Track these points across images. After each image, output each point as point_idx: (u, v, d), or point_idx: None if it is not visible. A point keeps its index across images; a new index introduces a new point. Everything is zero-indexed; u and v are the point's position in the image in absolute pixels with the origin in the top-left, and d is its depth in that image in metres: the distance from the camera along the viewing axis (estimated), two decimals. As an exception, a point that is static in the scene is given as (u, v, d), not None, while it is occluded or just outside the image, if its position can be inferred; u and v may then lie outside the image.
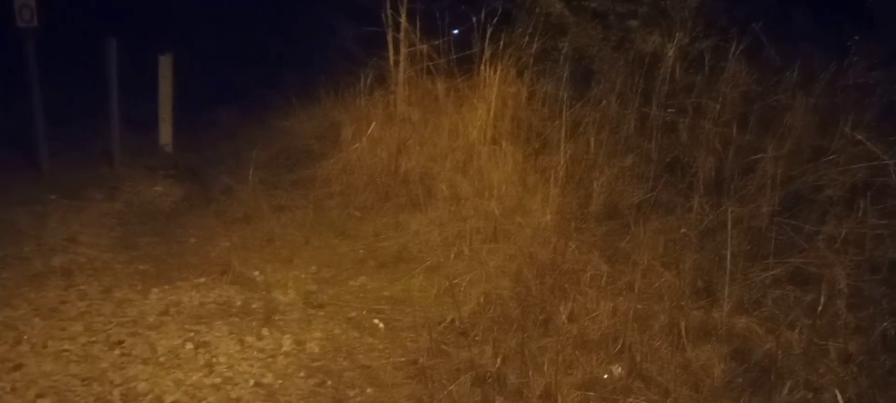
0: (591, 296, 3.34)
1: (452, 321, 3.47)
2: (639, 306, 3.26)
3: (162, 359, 3.23)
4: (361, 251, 4.43)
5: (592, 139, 4.56)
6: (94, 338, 3.41)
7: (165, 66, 6.56)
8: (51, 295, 3.84)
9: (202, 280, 4.08)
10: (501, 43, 5.23)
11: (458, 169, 4.90)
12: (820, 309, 3.17)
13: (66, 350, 3.29)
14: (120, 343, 3.37)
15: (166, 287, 3.99)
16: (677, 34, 4.61)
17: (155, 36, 7.32)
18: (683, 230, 3.82)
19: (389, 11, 5.79)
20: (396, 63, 5.87)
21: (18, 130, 6.45)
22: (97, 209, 5.30)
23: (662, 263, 3.58)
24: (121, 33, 6.27)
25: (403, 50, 5.85)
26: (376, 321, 3.62)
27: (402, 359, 3.25)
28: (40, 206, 5.25)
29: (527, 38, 5.18)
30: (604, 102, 4.72)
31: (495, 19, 5.26)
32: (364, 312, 3.71)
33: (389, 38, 5.88)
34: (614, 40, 4.98)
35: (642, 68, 4.66)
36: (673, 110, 4.56)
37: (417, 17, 5.80)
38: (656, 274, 3.51)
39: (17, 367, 3.14)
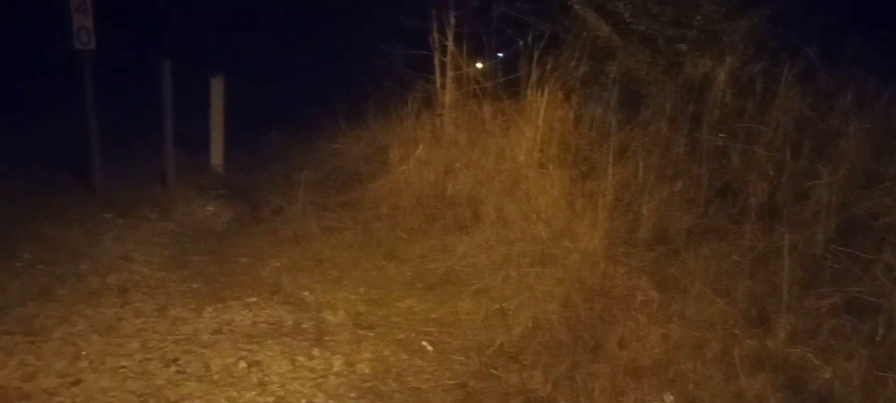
0: (641, 322, 3.31)
1: (501, 345, 3.46)
2: (691, 333, 3.22)
3: (216, 377, 3.30)
4: (409, 273, 4.46)
5: (641, 163, 4.53)
6: (149, 355, 3.49)
7: (217, 88, 6.72)
8: (107, 313, 3.93)
9: (254, 299, 4.14)
10: (548, 66, 5.24)
11: (504, 192, 4.90)
12: (878, 339, 3.10)
13: (123, 367, 3.37)
14: (175, 360, 3.45)
15: (219, 305, 4.06)
16: (728, 58, 4.57)
17: (207, 58, 7.53)
18: (735, 256, 3.77)
19: (437, 35, 5.88)
20: (443, 86, 5.93)
21: (74, 150, 6.68)
22: (151, 228, 5.44)
23: (714, 290, 3.53)
24: (174, 56, 6.44)
25: (450, 73, 5.92)
26: (425, 343, 3.64)
27: (451, 382, 3.26)
28: (95, 225, 5.40)
29: (574, 62, 5.18)
30: (653, 126, 4.70)
31: (542, 43, 5.28)
32: (412, 334, 3.73)
33: (437, 61, 5.96)
34: (663, 64, 4.96)
35: (692, 92, 4.63)
36: (724, 135, 4.52)
37: (464, 41, 5.87)
38: (708, 301, 3.46)
39: (76, 382, 3.22)
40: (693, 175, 4.42)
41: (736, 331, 3.24)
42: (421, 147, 5.58)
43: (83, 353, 3.48)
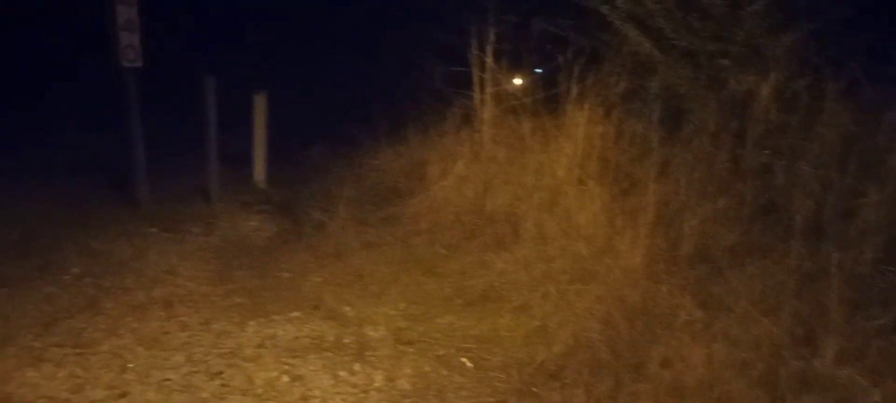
0: (684, 342, 3.26)
1: (542, 363, 3.45)
2: (736, 353, 3.16)
3: (259, 391, 3.34)
4: (448, 289, 4.47)
5: (683, 180, 4.48)
6: (194, 368, 3.55)
7: (260, 104, 6.86)
8: (153, 326, 4.01)
9: (296, 314, 4.20)
10: (588, 82, 5.24)
11: (544, 208, 4.89)
12: (928, 361, 3.01)
13: (168, 380, 3.43)
14: (219, 373, 3.50)
15: (262, 319, 4.12)
16: (772, 73, 4.51)
17: (250, 75, 7.69)
18: (781, 275, 3.70)
19: (476, 51, 5.92)
20: (483, 102, 5.96)
21: (119, 165, 6.87)
22: (195, 242, 5.55)
23: (760, 309, 3.46)
24: (217, 72, 6.58)
25: (489, 89, 5.94)
26: (465, 360, 3.64)
27: (491, 400, 3.26)
28: (141, 239, 5.54)
29: (614, 77, 5.17)
30: (695, 142, 4.64)
31: (582, 58, 5.28)
32: (452, 350, 3.74)
33: (476, 77, 6.00)
34: (705, 79, 4.91)
35: (735, 108, 4.58)
36: (768, 151, 4.45)
37: (503, 57, 5.90)
38: (753, 320, 3.39)
39: (123, 395, 3.29)
40: (736, 192, 4.35)
41: (782, 352, 3.17)
42: (460, 163, 5.61)
43: (130, 366, 3.56)
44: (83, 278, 4.67)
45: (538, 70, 6.13)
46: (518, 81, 6.14)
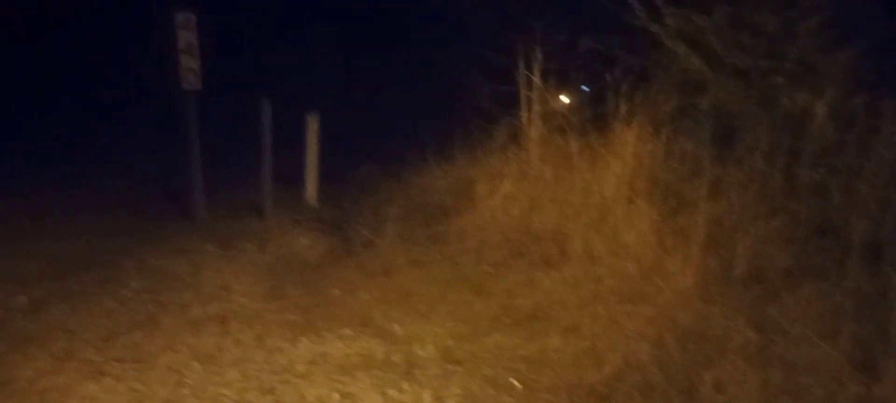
0: (738, 366, 3.21)
1: (591, 385, 3.43)
2: (792, 378, 3.10)
3: (311, 408, 3.41)
4: (496, 308, 4.47)
5: (736, 199, 4.41)
6: (248, 384, 3.63)
7: (313, 124, 6.99)
8: (209, 342, 4.11)
9: (346, 331, 4.25)
10: (637, 100, 5.21)
11: (592, 227, 4.87)
12: None
13: (222, 395, 3.51)
14: (272, 390, 3.57)
15: (313, 337, 4.19)
16: (827, 91, 4.42)
17: (301, 95, 7.85)
18: (838, 297, 3.61)
19: (523, 70, 5.94)
20: (529, 121, 5.97)
21: (177, 183, 7.08)
22: (249, 259, 5.67)
23: (817, 333, 3.38)
24: (270, 92, 6.74)
25: (536, 108, 5.96)
26: (513, 380, 3.64)
27: (541, 421, 3.26)
28: (197, 256, 5.69)
29: (664, 95, 5.13)
30: (747, 161, 4.56)
31: (631, 76, 5.25)
32: (501, 370, 3.73)
33: (523, 96, 6.02)
34: (757, 97, 4.83)
35: (789, 126, 4.49)
36: (823, 170, 4.35)
37: (551, 76, 5.91)
38: (810, 344, 3.32)
39: (179, 410, 3.40)
40: (791, 211, 4.26)
41: (840, 377, 3.10)
42: (507, 181, 5.63)
43: (186, 381, 3.66)
44: (142, 293, 4.83)
45: (585, 88, 6.11)
46: (565, 100, 6.14)
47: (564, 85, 6.00)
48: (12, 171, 8.72)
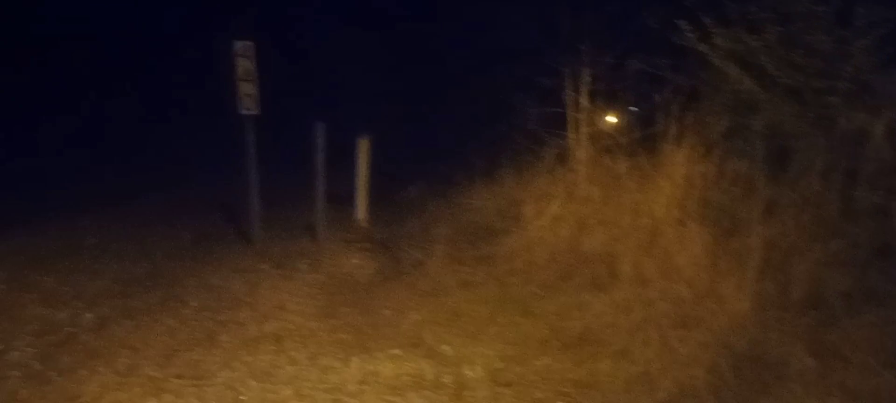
0: (797, 393, 3.15)
1: (644, 410, 3.41)
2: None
3: (363, 428, 3.46)
4: (545, 330, 4.47)
5: (791, 221, 4.33)
6: (301, 403, 3.71)
7: (363, 147, 7.11)
8: (264, 360, 4.20)
9: (396, 351, 4.30)
10: (687, 120, 5.17)
11: (642, 249, 4.83)
12: None
13: (277, 412, 3.60)
14: (325, 409, 3.64)
15: (365, 356, 4.24)
16: (884, 110, 4.32)
17: (350, 116, 8.02)
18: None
19: (570, 92, 5.95)
20: (577, 142, 5.98)
21: (233, 205, 7.27)
22: (303, 279, 5.79)
23: (879, 360, 3.30)
24: (322, 116, 6.88)
25: (584, 129, 5.96)
26: (563, 404, 3.64)
27: (592, 446, 3.24)
28: (254, 275, 5.83)
29: (714, 116, 5.08)
30: (803, 182, 4.49)
31: (680, 97, 5.22)
32: (550, 394, 3.73)
33: (570, 117, 6.03)
34: (812, 116, 4.74)
35: (845, 146, 4.40)
36: (882, 191, 4.24)
37: (598, 97, 5.91)
38: (872, 372, 3.24)
39: (237, 426, 3.48)
40: (849, 234, 4.17)
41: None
42: (555, 202, 5.63)
43: (242, 399, 3.75)
44: (201, 312, 4.96)
45: (633, 109, 6.10)
46: (613, 120, 6.13)
47: (612, 105, 6.00)
48: (87, 193, 9.13)
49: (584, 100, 5.95)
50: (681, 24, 5.02)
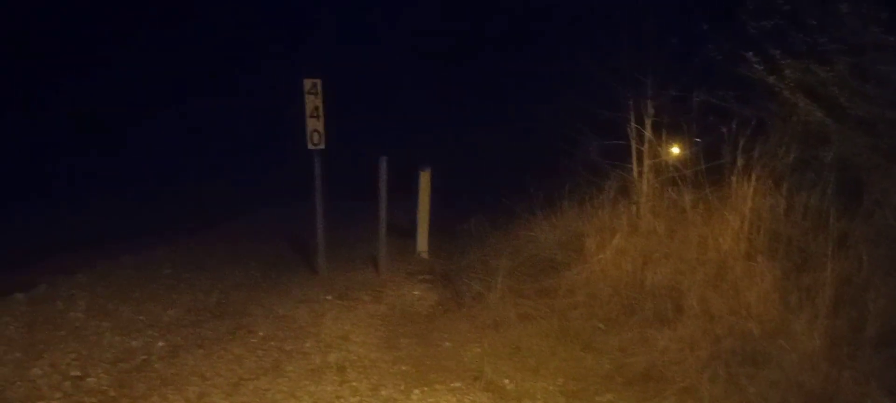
0: (873, 436, 3.02)
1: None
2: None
3: (424, 461, 3.49)
4: (607, 365, 4.42)
5: (865, 256, 4.18)
6: (364, 433, 3.77)
7: (425, 180, 7.22)
8: (328, 390, 4.27)
9: (457, 384, 4.32)
10: (754, 153, 5.06)
11: (708, 283, 4.72)
12: None
13: (340, 443, 3.67)
14: (387, 441, 3.70)
15: (425, 388, 4.28)
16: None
17: (411, 148, 8.16)
18: None
19: (633, 124, 5.91)
20: (640, 174, 5.92)
21: (299, 235, 7.45)
22: (365, 310, 5.90)
23: (963, 403, 3.14)
24: (385, 149, 7.03)
25: (648, 161, 5.90)
26: (627, 441, 3.58)
27: (657, 486, 3.18)
28: (319, 306, 5.96)
29: (783, 148, 4.96)
30: (877, 215, 4.33)
31: (747, 129, 5.13)
32: (615, 431, 3.69)
33: (633, 149, 5.98)
34: (886, 148, 4.58)
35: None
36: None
37: (662, 129, 5.85)
38: (955, 414, 3.09)
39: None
40: (928, 269, 3.99)
41: None
42: (618, 235, 5.57)
43: (307, 428, 3.83)
44: (268, 341, 5.10)
45: (698, 140, 6.01)
46: (677, 152, 6.05)
47: (677, 137, 5.92)
48: (167, 224, 9.54)
49: (648, 132, 5.90)
50: (748, 55, 4.95)
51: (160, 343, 5.00)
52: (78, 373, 4.35)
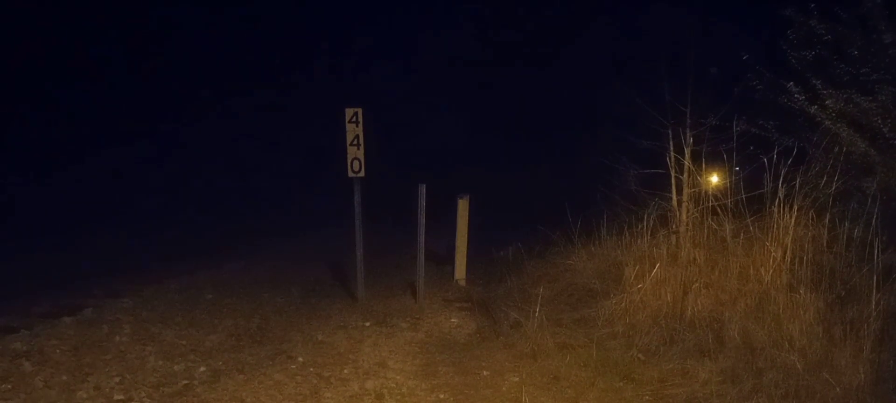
0: (922, 475, 2.95)
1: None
2: None
3: (463, 490, 3.49)
4: (647, 397, 4.38)
5: (912, 289, 4.10)
6: (402, 461, 3.80)
7: (463, 207, 7.28)
8: (365, 417, 4.34)
9: (495, 413, 4.34)
10: (796, 183, 5.01)
11: (749, 315, 4.67)
12: None
13: (378, 471, 3.71)
14: (423, 470, 3.71)
15: (464, 418, 4.31)
16: None
17: (449, 176, 8.24)
18: None
19: (673, 154, 5.90)
20: (680, 203, 5.89)
21: (339, 262, 7.54)
22: (403, 337, 5.94)
23: None
24: (421, 173, 7.12)
25: (687, 191, 5.88)
26: (667, 474, 3.55)
27: None
28: (357, 332, 6.03)
29: (825, 178, 4.91)
30: (924, 247, 4.25)
31: (789, 158, 5.08)
32: (653, 463, 3.66)
33: (673, 179, 5.96)
34: (932, 179, 4.52)
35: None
36: None
37: (702, 159, 5.83)
38: None
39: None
40: (980, 304, 3.90)
41: None
42: (657, 265, 5.54)
43: (345, 455, 3.88)
44: (307, 367, 5.17)
45: (738, 170, 5.97)
46: (716, 181, 6.01)
47: (716, 167, 5.89)
48: (209, 249, 9.77)
49: (687, 161, 5.88)
50: (789, 86, 4.93)
51: (202, 368, 5.09)
52: (122, 397, 4.46)
